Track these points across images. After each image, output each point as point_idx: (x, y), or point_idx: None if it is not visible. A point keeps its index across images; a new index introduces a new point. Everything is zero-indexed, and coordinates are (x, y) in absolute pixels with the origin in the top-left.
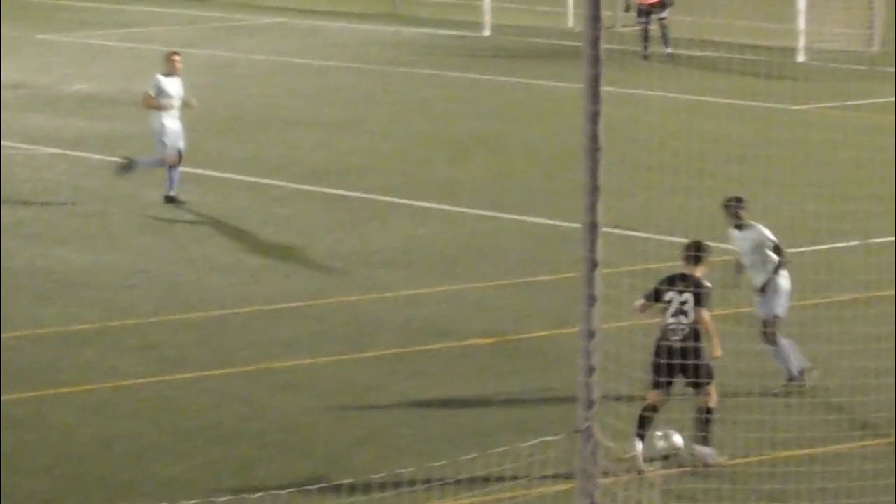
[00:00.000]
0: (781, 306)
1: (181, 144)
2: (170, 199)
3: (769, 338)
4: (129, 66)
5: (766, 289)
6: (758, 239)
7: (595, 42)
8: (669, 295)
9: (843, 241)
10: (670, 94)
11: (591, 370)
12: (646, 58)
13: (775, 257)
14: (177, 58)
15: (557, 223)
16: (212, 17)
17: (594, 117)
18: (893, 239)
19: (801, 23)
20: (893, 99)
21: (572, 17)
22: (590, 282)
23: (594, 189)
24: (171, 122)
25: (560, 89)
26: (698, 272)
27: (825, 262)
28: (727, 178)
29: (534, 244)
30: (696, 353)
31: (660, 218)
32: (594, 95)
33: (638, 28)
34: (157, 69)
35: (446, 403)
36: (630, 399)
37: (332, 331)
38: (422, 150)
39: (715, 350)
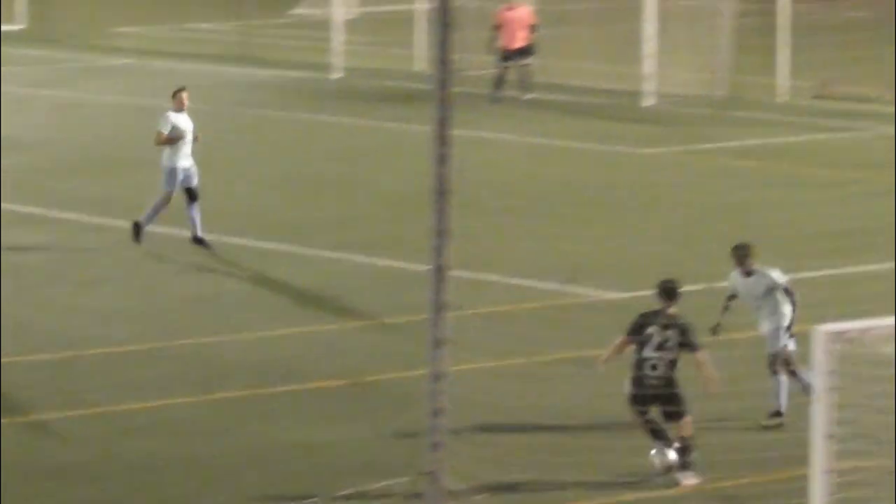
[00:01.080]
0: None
1: (195, 182)
2: (198, 241)
3: (786, 370)
4: None
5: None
6: (769, 284)
7: (444, 85)
8: (650, 330)
9: (692, 284)
10: (520, 138)
11: (437, 412)
12: (497, 101)
13: (787, 307)
14: (184, 94)
15: (406, 265)
16: (61, 57)
17: (443, 160)
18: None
19: (649, 67)
20: (739, 143)
21: (422, 60)
22: (437, 324)
23: (442, 232)
24: (184, 160)
25: (410, 132)
26: (673, 310)
27: None
28: (575, 221)
29: (383, 286)
30: (673, 384)
31: (508, 261)
32: (443, 138)
33: (494, 72)
34: (6, 109)
35: (296, 445)
36: (475, 443)
37: (182, 373)
38: (273, 191)
39: (714, 386)
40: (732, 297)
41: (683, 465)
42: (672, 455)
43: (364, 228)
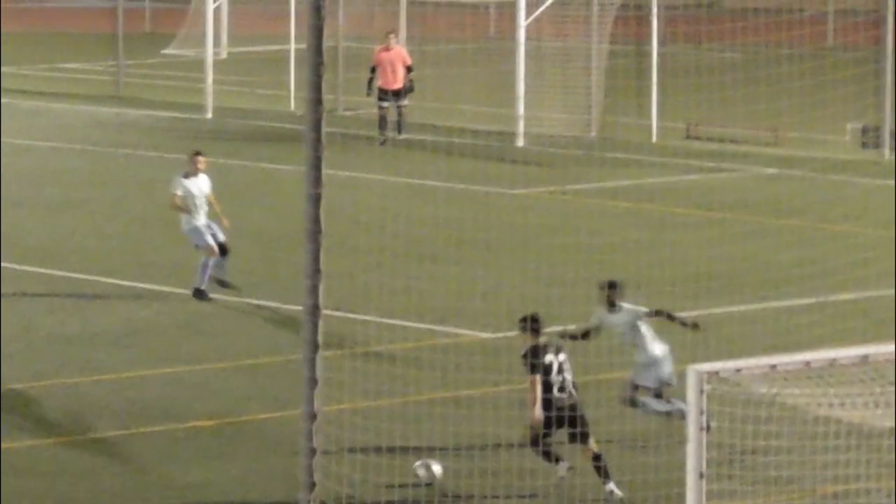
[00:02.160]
0: (668, 373)
1: (221, 237)
2: (224, 284)
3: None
4: None
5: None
6: (630, 320)
7: (317, 125)
8: (548, 358)
9: (561, 324)
10: (393, 178)
11: (312, 452)
12: (383, 143)
13: (648, 332)
14: (200, 158)
15: (279, 305)
16: None
17: (316, 200)
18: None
19: (521, 108)
20: (611, 183)
21: (294, 100)
22: (311, 364)
23: (315, 271)
24: (203, 219)
25: (282, 172)
26: (545, 339)
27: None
28: (447, 261)
29: (256, 326)
30: (579, 407)
31: (381, 301)
32: (315, 178)
33: (374, 112)
34: None
35: (167, 486)
36: (354, 480)
37: (53, 413)
38: (144, 231)
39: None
40: (589, 332)
41: (606, 473)
42: (437, 468)
43: (236, 267)
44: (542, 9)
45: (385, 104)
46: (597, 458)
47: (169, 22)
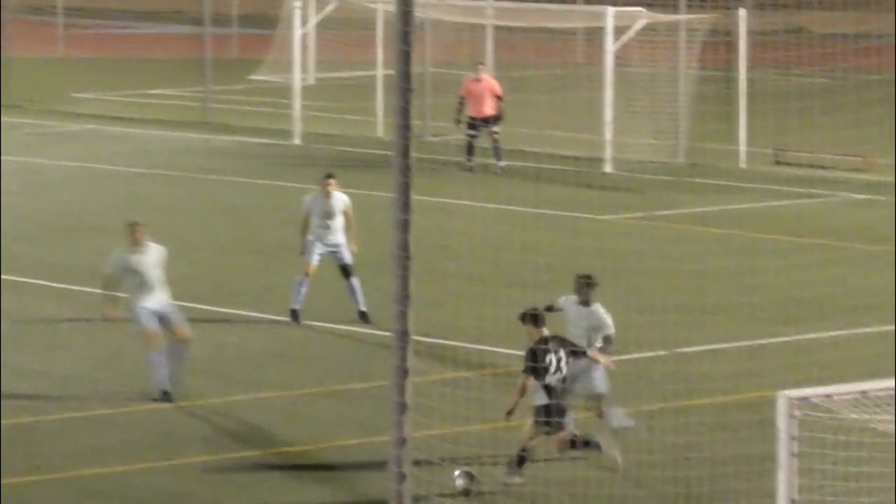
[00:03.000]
0: (599, 384)
1: (347, 258)
2: (362, 316)
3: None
4: None
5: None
6: (598, 324)
7: (405, 151)
8: (549, 357)
9: (650, 350)
10: (479, 204)
11: (402, 478)
12: (470, 169)
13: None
14: (331, 181)
15: (368, 331)
16: (23, 123)
17: (404, 226)
18: (701, 349)
19: (608, 133)
20: (699, 209)
21: (381, 125)
22: (401, 389)
23: (405, 297)
24: (332, 236)
25: (370, 198)
26: (546, 332)
27: (633, 372)
28: (535, 287)
29: (344, 352)
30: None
31: (469, 326)
32: (404, 204)
33: (462, 139)
34: None
35: None
36: None
37: (142, 438)
38: (232, 257)
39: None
40: (553, 308)
41: (593, 444)
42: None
43: (324, 295)
44: (629, 34)
45: (474, 132)
46: (571, 442)
47: (256, 48)
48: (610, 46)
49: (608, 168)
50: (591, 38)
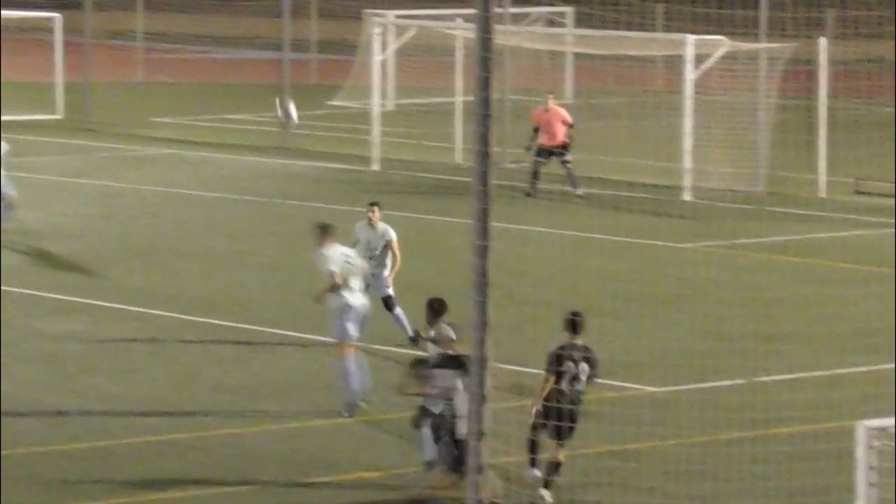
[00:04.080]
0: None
1: (388, 291)
2: (413, 339)
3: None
4: (19, 196)
5: None
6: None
7: (484, 177)
8: (567, 364)
9: (728, 378)
10: (557, 231)
11: None
12: (529, 195)
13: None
14: (375, 209)
15: None
16: (101, 146)
17: (483, 252)
18: (780, 378)
19: (688, 161)
20: (779, 238)
21: (460, 152)
22: (478, 416)
23: (483, 324)
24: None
25: (448, 224)
26: (580, 341)
27: (711, 400)
28: (614, 314)
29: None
30: (578, 417)
31: (548, 353)
32: (483, 230)
33: (531, 167)
34: (46, 198)
35: None
36: None
37: (218, 462)
38: (310, 282)
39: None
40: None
41: (546, 483)
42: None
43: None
44: (709, 62)
45: (541, 159)
46: (556, 465)
47: (335, 73)
48: (690, 74)
49: (687, 196)
50: (670, 65)
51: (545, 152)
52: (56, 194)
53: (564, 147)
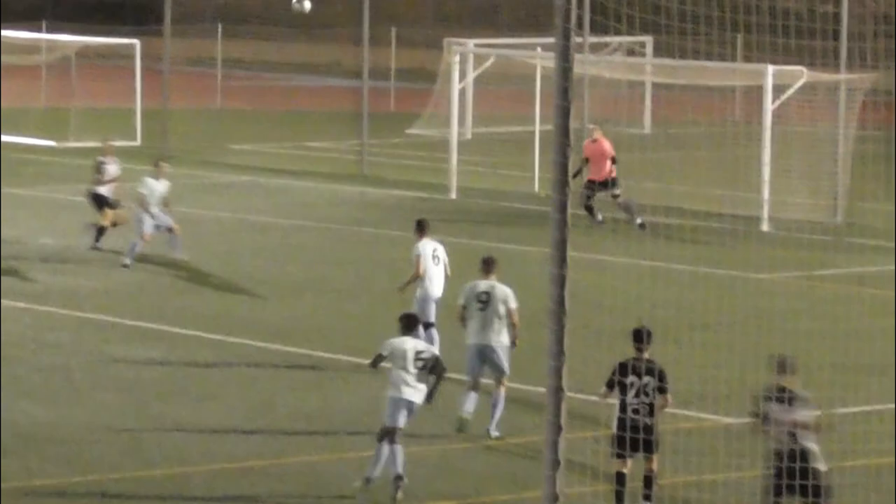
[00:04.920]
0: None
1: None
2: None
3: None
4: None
5: None
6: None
7: (562, 206)
8: (631, 378)
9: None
10: (634, 261)
11: None
12: (599, 221)
13: None
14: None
15: (521, 386)
16: (180, 174)
17: (560, 281)
18: (857, 410)
19: (766, 192)
20: (857, 269)
21: (538, 181)
22: (554, 446)
23: (559, 353)
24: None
25: (525, 253)
26: (647, 354)
27: None
28: (691, 344)
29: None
30: (652, 430)
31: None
32: (561, 259)
33: (584, 200)
34: (122, 226)
35: None
36: None
37: (294, 490)
38: (387, 311)
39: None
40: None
41: (646, 496)
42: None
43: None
44: (789, 93)
45: (589, 192)
46: (649, 479)
47: (413, 102)
48: (769, 105)
49: (765, 227)
50: (749, 96)
51: (594, 185)
52: (133, 221)
53: (612, 181)
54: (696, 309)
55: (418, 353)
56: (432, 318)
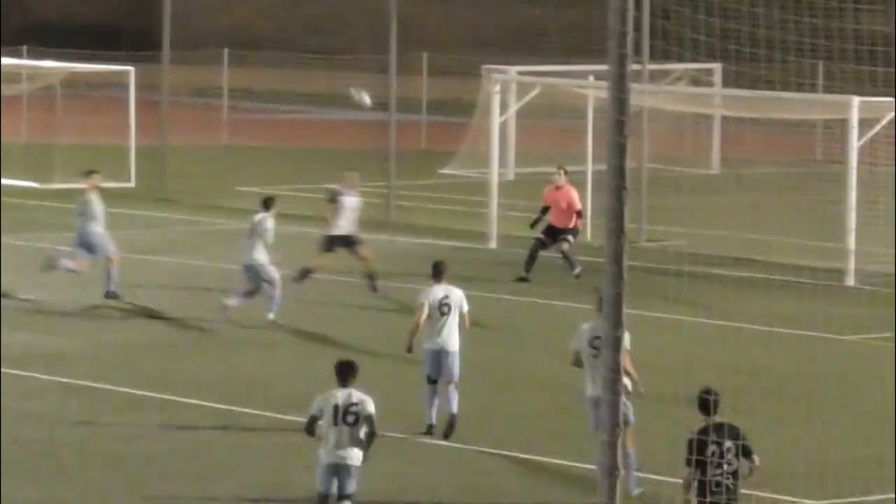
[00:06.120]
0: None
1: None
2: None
3: None
4: (84, 275)
5: None
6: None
7: (617, 258)
8: (712, 449)
9: (890, 492)
10: (700, 319)
11: None
12: (523, 279)
13: None
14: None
15: (570, 463)
16: (176, 219)
17: (616, 344)
18: None
19: (852, 241)
20: None
21: (590, 228)
22: None
23: (613, 426)
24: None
25: (574, 310)
26: (718, 419)
27: None
28: (764, 415)
29: (541, 486)
30: (738, 499)
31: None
32: (616, 319)
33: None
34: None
35: None
36: None
37: None
38: (413, 375)
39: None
40: None
41: None
42: None
43: (521, 420)
44: (877, 128)
45: (544, 238)
46: None
47: (448, 137)
48: (854, 142)
49: (850, 281)
50: (831, 131)
51: (553, 232)
52: (125, 273)
53: (573, 232)
54: (771, 374)
55: (350, 406)
56: (444, 376)
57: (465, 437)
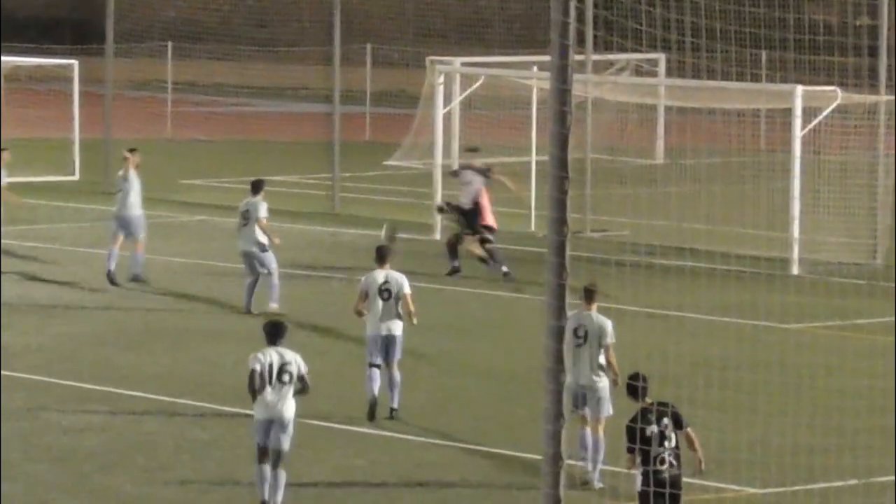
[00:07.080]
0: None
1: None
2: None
3: None
4: (28, 267)
5: None
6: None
7: (560, 248)
8: (651, 429)
9: (840, 479)
10: (643, 309)
11: None
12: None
13: None
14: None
15: (514, 454)
16: None
17: (558, 334)
18: None
19: (795, 230)
20: None
21: (534, 219)
22: None
23: (557, 416)
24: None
25: (520, 301)
26: (649, 400)
27: (821, 503)
28: (708, 405)
29: (484, 476)
30: (680, 480)
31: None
32: (558, 309)
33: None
34: (58, 271)
35: None
36: None
37: None
38: (359, 368)
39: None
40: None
41: None
42: None
43: (466, 411)
44: (821, 117)
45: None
46: None
47: (392, 129)
48: (798, 131)
49: (795, 270)
50: (775, 120)
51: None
52: (70, 267)
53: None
54: (715, 364)
55: (284, 364)
56: (378, 361)
57: (410, 429)
